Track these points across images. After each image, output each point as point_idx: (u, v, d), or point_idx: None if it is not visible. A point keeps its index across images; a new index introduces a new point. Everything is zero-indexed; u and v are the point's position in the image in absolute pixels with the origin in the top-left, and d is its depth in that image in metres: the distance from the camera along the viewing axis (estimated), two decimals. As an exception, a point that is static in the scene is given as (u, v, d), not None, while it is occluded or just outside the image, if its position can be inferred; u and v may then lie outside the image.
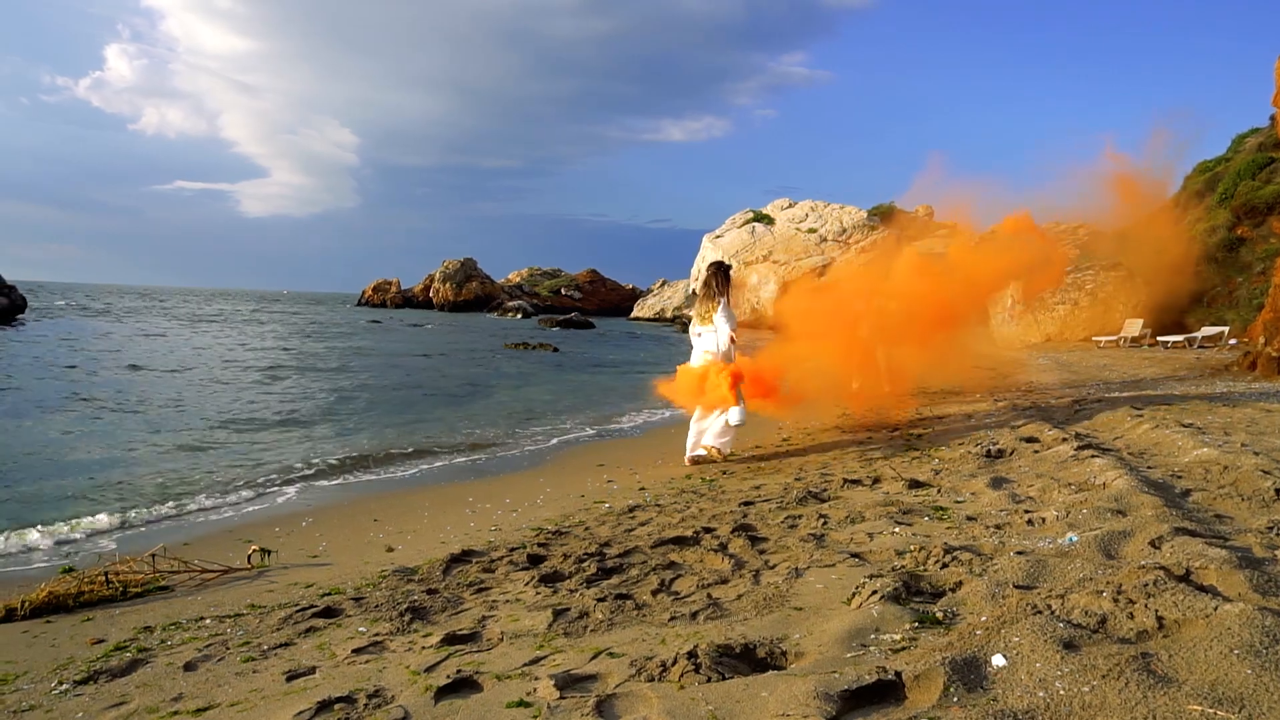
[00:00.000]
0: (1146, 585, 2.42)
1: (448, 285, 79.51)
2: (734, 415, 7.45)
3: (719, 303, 7.51)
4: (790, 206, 59.80)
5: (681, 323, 57.48)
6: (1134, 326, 22.18)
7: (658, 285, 75.07)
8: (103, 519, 6.25)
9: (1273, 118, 25.71)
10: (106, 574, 4.34)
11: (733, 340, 7.52)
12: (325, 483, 7.83)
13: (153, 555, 4.65)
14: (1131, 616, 2.29)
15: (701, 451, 7.68)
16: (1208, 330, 20.42)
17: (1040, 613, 2.40)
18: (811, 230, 55.72)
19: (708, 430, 7.66)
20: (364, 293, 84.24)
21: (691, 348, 7.85)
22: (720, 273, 7.62)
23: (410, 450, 9.49)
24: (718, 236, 60.24)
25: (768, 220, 58.86)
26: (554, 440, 10.34)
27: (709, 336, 7.59)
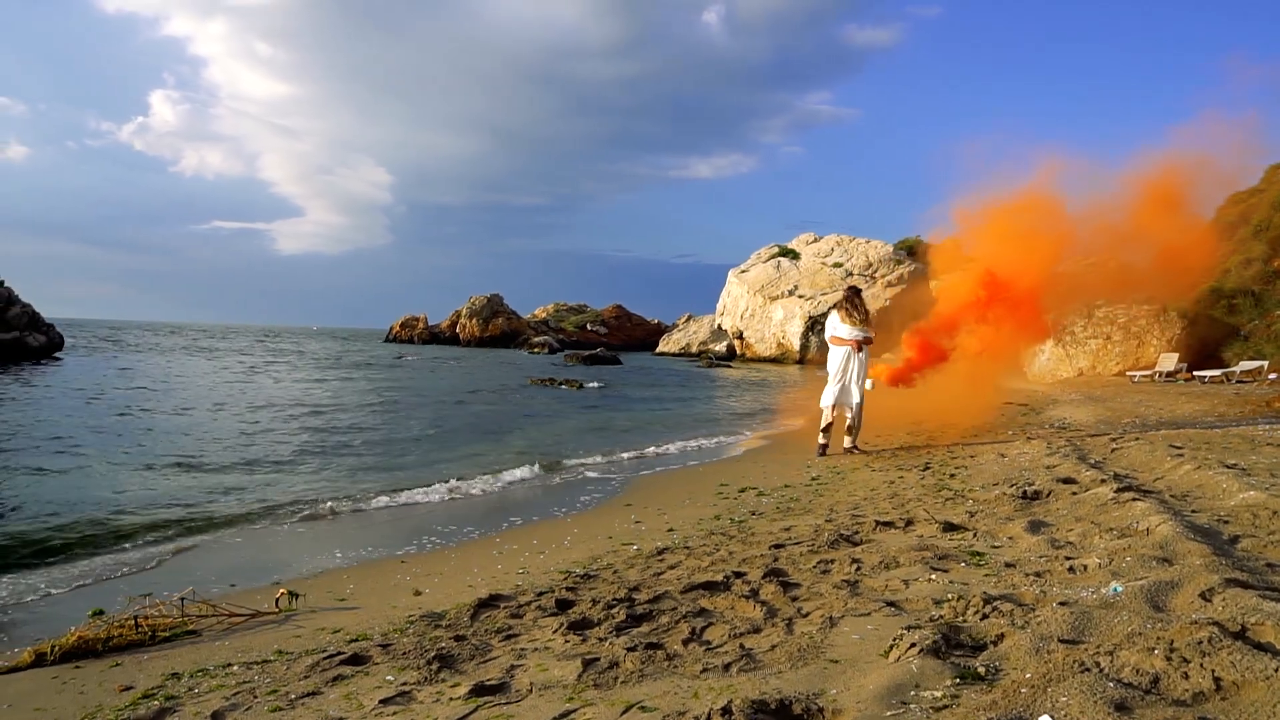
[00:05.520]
0: (1200, 642, 2.33)
1: (474, 321, 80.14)
2: (866, 383, 10.26)
3: (859, 316, 9.95)
4: (815, 241, 59.85)
5: (708, 358, 57.36)
6: (1169, 361, 21.80)
7: (683, 320, 75.09)
8: (130, 557, 6.29)
9: (1306, 149, 25.38)
10: (136, 618, 4.34)
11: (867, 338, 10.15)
12: (355, 521, 7.84)
13: (181, 599, 4.66)
14: (1186, 676, 2.20)
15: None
16: (1246, 365, 20.03)
17: (1088, 670, 2.31)
18: (837, 265, 55.65)
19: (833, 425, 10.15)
20: (391, 328, 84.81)
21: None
22: (857, 295, 10.19)
23: (434, 488, 9.48)
24: (743, 271, 60.37)
25: (793, 255, 58.92)
26: (580, 479, 10.29)
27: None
